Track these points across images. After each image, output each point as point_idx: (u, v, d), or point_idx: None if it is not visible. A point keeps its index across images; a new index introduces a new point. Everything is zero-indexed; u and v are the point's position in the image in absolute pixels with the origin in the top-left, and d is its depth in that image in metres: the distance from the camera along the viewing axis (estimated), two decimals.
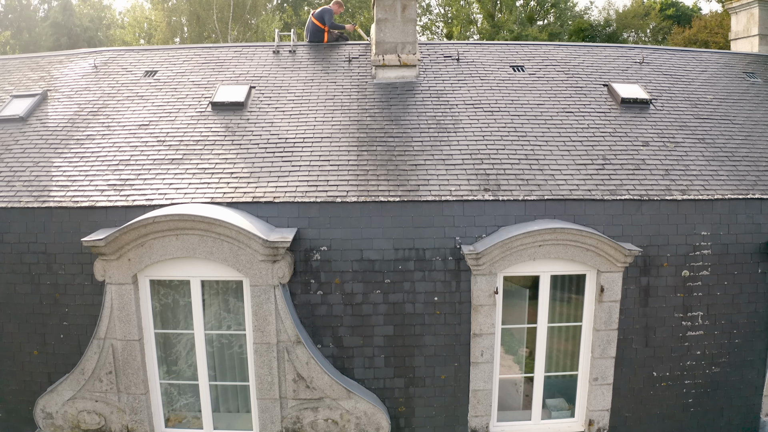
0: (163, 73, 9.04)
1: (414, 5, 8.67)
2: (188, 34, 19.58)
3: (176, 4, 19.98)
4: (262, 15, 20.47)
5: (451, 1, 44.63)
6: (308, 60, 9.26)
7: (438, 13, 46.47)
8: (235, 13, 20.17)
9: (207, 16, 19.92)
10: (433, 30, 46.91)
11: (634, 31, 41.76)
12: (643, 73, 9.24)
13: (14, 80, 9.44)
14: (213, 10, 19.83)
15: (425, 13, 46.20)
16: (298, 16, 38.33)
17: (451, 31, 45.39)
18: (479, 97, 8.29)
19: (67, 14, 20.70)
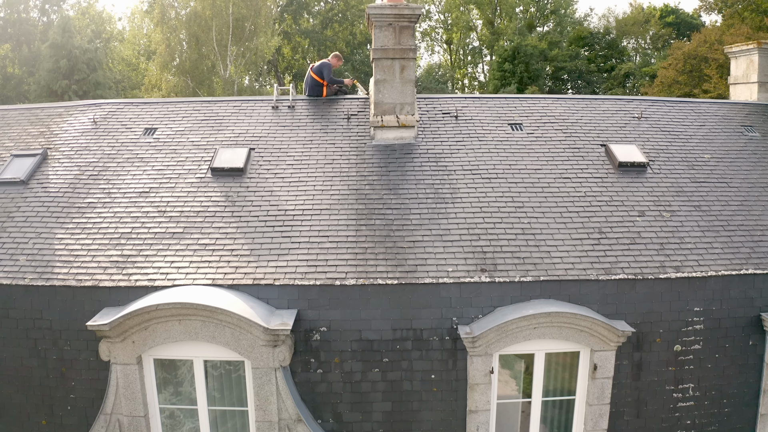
0: (162, 131, 9.47)
1: (413, 66, 9.08)
2: (187, 55, 19.96)
3: (175, 23, 20.33)
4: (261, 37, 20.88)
5: (450, 7, 44.93)
6: (307, 117, 9.68)
7: (438, 19, 46.80)
8: (234, 35, 20.56)
9: (206, 38, 20.30)
10: (432, 36, 47.28)
11: (633, 38, 42.13)
12: (641, 130, 9.66)
13: (14, 135, 9.87)
14: (212, 32, 20.20)
15: (425, 20, 46.56)
16: (298, 26, 38.79)
17: (451, 37, 45.73)
18: (477, 161, 8.72)
19: (67, 36, 21.04)
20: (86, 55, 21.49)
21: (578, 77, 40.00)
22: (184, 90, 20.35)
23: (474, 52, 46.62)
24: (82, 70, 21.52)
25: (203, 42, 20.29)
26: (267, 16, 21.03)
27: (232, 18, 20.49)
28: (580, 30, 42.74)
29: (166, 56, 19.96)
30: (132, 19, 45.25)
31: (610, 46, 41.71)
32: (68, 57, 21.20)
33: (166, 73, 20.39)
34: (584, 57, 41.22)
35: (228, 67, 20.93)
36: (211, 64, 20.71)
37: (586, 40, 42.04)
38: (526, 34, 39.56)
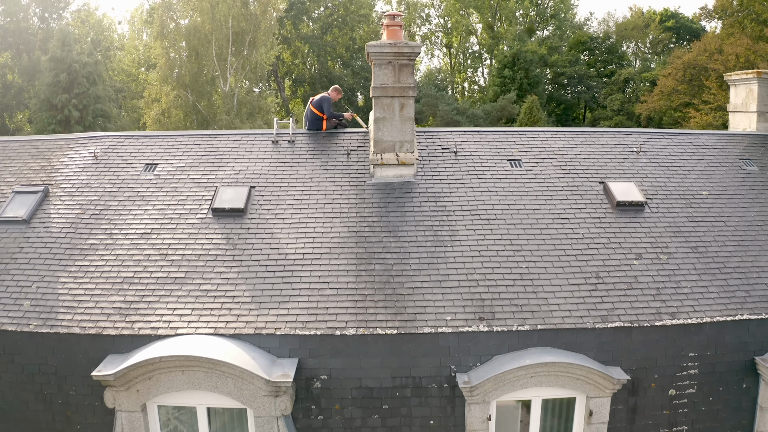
0: (163, 167, 9.57)
1: (412, 104, 9.18)
2: (187, 69, 20.02)
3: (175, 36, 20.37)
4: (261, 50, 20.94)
5: (450, 11, 44.94)
6: (307, 152, 9.79)
7: (437, 23, 46.83)
8: (234, 49, 20.61)
9: (206, 52, 20.36)
10: (432, 40, 47.30)
11: (633, 43, 42.21)
12: (640, 165, 9.77)
13: (15, 168, 9.97)
14: (212, 46, 20.25)
15: (424, 24, 46.60)
16: (298, 31, 38.81)
17: (451, 41, 45.76)
18: (476, 200, 8.83)
19: (66, 49, 21.10)
20: (86, 69, 21.56)
21: (578, 82, 40.09)
22: (185, 103, 20.40)
23: (474, 56, 46.68)
24: (81, 83, 21.59)
25: (203, 55, 20.36)
26: (266, 30, 21.09)
27: (232, 31, 20.54)
28: (580, 35, 42.82)
29: (166, 70, 20.01)
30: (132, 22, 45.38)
31: (610, 50, 41.82)
32: (68, 71, 21.28)
33: (166, 86, 20.45)
34: (584, 62, 41.30)
35: (228, 80, 21.00)
36: (211, 77, 20.77)
37: (586, 45, 42.13)
38: (526, 40, 39.63)
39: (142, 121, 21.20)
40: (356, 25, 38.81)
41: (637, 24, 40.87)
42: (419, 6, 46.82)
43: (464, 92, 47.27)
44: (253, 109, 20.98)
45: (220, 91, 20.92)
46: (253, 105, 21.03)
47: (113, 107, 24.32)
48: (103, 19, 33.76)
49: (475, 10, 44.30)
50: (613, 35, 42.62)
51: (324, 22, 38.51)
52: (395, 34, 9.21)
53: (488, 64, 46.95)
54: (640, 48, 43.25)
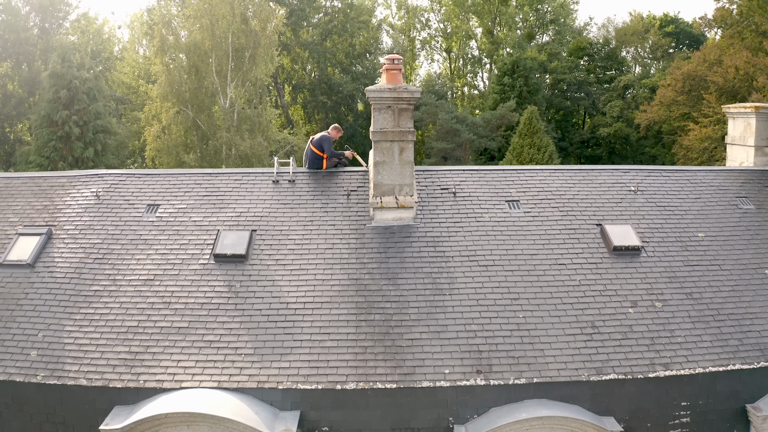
0: (164, 208, 9.73)
1: (411, 148, 9.33)
2: (187, 85, 20.12)
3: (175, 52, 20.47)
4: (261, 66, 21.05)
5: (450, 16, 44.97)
6: (308, 193, 9.94)
7: (437, 28, 46.83)
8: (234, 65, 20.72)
9: (206, 69, 20.46)
10: (432, 45, 47.35)
11: (633, 47, 42.28)
12: (637, 206, 9.93)
13: (18, 207, 10.12)
14: (212, 63, 20.36)
15: (424, 29, 46.64)
16: (297, 38, 38.83)
17: (450, 45, 45.81)
18: (474, 245, 9.00)
19: (67, 65, 21.21)
20: (86, 85, 21.67)
21: (577, 89, 40.17)
22: (185, 120, 20.51)
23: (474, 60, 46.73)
24: (82, 100, 21.68)
25: (203, 71, 20.46)
26: (266, 47, 21.17)
27: (232, 47, 20.63)
28: (579, 40, 42.86)
29: (166, 86, 20.12)
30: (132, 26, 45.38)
31: (610, 56, 41.90)
32: (68, 87, 21.38)
33: (167, 102, 20.55)
34: (583, 68, 41.35)
35: (228, 96, 21.10)
36: (211, 93, 20.86)
37: (586, 51, 42.19)
38: (525, 47, 39.67)
39: (142, 138, 21.34)
40: (356, 31, 38.86)
41: (637, 29, 40.93)
42: (419, 10, 46.88)
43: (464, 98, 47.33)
44: (253, 124, 21.10)
45: (220, 107, 21.04)
46: (253, 120, 21.13)
47: (113, 118, 24.45)
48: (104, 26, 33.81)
49: (475, 15, 44.33)
50: (613, 40, 42.69)
51: (324, 29, 38.55)
52: (395, 78, 9.35)
53: (488, 68, 47.04)
54: (640, 53, 43.32)
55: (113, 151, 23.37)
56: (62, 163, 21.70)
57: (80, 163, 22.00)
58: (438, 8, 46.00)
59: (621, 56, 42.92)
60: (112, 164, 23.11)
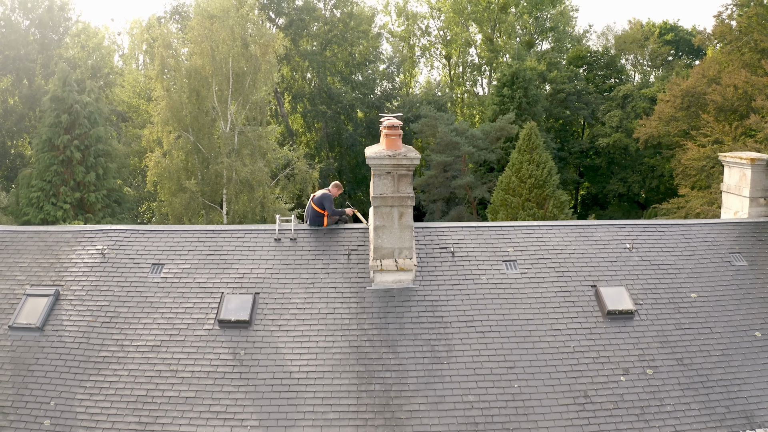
0: (169, 268, 9.98)
1: (410, 212, 9.57)
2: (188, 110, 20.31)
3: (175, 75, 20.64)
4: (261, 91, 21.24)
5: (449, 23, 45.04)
6: (309, 252, 10.19)
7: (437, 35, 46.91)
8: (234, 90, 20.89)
9: (207, 94, 20.64)
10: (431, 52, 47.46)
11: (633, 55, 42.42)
12: (631, 266, 10.18)
13: (25, 265, 10.37)
14: (212, 88, 20.53)
15: (424, 35, 46.71)
16: (297, 48, 38.92)
17: (450, 52, 45.92)
18: (472, 310, 9.27)
19: (67, 89, 21.40)
20: (87, 109, 21.84)
21: (577, 98, 40.34)
22: (185, 145, 20.71)
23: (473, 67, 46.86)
24: (83, 124, 21.87)
25: (203, 96, 20.65)
26: (266, 72, 21.34)
27: (232, 72, 20.80)
28: (579, 49, 42.98)
29: (167, 112, 20.31)
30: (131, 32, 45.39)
31: (609, 65, 42.05)
32: (69, 111, 21.57)
33: (168, 127, 20.75)
34: (582, 77, 41.49)
35: (228, 120, 21.29)
36: (212, 117, 21.04)
37: (585, 59, 42.31)
38: (525, 58, 39.76)
39: (143, 164, 21.57)
40: (355, 40, 38.96)
41: (636, 37, 41.06)
42: (419, 17, 46.93)
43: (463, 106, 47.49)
44: (253, 148, 21.32)
45: (221, 132, 21.24)
46: (253, 144, 21.34)
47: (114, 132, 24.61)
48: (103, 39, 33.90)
49: (475, 23, 44.42)
50: (612, 48, 42.82)
51: (323, 38, 38.65)
52: (394, 144, 9.58)
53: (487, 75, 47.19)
54: (639, 61, 43.47)
55: (114, 174, 23.63)
56: (64, 188, 21.92)
57: (82, 187, 22.22)
58: (438, 15, 46.08)
59: (620, 65, 43.07)
60: (114, 188, 23.37)
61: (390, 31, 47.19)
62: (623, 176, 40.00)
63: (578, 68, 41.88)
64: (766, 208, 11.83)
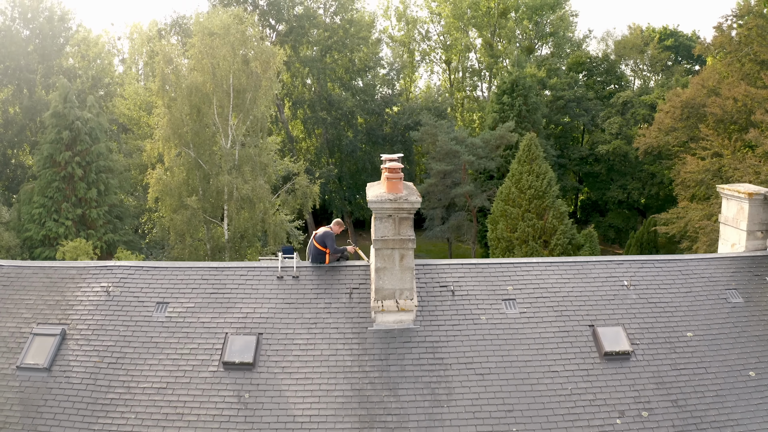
0: (173, 307, 10.15)
1: (411, 254, 9.74)
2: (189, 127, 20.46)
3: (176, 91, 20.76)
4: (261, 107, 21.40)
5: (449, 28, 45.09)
6: (311, 290, 10.36)
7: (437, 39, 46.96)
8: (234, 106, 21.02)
9: (207, 110, 20.77)
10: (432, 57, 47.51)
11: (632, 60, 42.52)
12: (629, 304, 10.36)
13: (31, 302, 10.54)
14: (213, 105, 20.66)
15: (424, 40, 46.77)
16: (297, 56, 39.00)
17: (450, 57, 45.98)
18: (472, 351, 9.45)
19: (69, 106, 21.54)
20: (88, 125, 21.97)
21: (576, 105, 40.46)
22: (186, 161, 20.87)
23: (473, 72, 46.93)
24: (84, 140, 22.02)
25: (204, 113, 20.77)
26: (267, 89, 21.45)
27: (233, 89, 20.92)
28: (579, 55, 43.04)
29: (168, 129, 20.45)
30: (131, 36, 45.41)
31: (609, 71, 42.14)
32: (70, 128, 21.72)
33: (169, 144, 20.90)
34: (582, 84, 41.57)
35: (229, 137, 21.43)
36: (212, 133, 21.18)
37: (585, 66, 42.38)
38: (525, 65, 39.83)
39: (144, 180, 21.73)
40: (355, 47, 39.04)
41: (636, 43, 41.14)
42: (419, 21, 46.95)
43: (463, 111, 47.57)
44: (254, 164, 21.47)
45: (222, 149, 21.39)
46: (254, 160, 21.50)
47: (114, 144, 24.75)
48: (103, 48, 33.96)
49: (475, 27, 44.47)
50: (612, 54, 42.90)
51: (323, 45, 38.74)
52: (395, 187, 9.74)
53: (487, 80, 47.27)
54: (639, 66, 43.56)
55: (116, 189, 23.80)
56: (66, 204, 22.08)
57: (83, 203, 22.39)
58: (438, 19, 46.12)
59: (620, 71, 43.17)
60: (115, 203, 23.56)
61: (390, 36, 47.25)
62: (623, 183, 40.17)
63: (578, 74, 41.96)
64: (763, 241, 12.02)
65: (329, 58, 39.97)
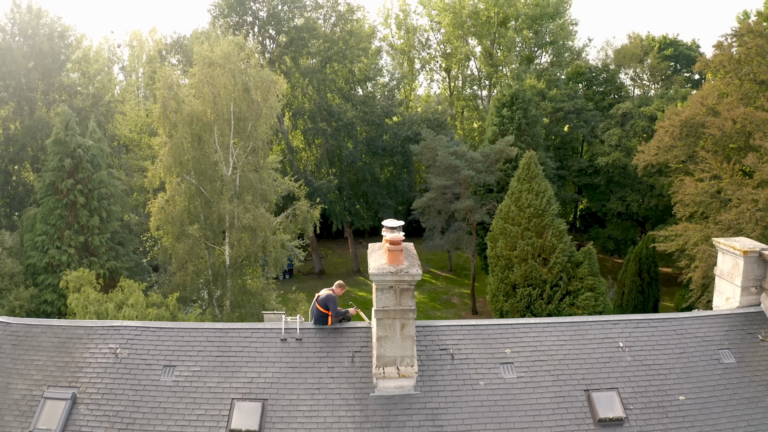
0: (181, 371, 10.45)
1: (412, 324, 10.03)
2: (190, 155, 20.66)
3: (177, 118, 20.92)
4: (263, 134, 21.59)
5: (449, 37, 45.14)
6: (314, 354, 10.65)
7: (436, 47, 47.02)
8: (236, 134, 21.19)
9: (208, 138, 20.96)
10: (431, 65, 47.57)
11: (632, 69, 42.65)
12: (624, 366, 10.66)
13: (40, 363, 10.83)
14: (214, 133, 20.83)
15: (424, 49, 46.82)
16: (297, 66, 39.10)
17: (450, 65, 46.08)
18: (471, 419, 9.75)
19: (70, 133, 21.74)
20: (89, 152, 22.18)
21: (576, 116, 40.62)
22: (188, 189, 21.10)
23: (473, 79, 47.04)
24: (86, 168, 22.25)
25: (206, 141, 20.97)
26: (267, 117, 21.61)
27: (234, 117, 21.10)
28: (578, 65, 43.13)
29: (169, 159, 20.66)
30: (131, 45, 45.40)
31: (608, 81, 42.26)
32: (72, 155, 21.94)
33: (170, 174, 21.11)
34: (582, 95, 41.69)
35: (230, 165, 21.64)
36: (214, 161, 21.41)
37: (585, 76, 42.48)
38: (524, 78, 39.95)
39: (147, 209, 21.96)
40: (355, 58, 39.14)
41: (636, 53, 41.24)
42: (419, 30, 46.98)
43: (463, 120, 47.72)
44: (255, 192, 21.69)
45: (223, 176, 21.61)
46: (255, 187, 21.73)
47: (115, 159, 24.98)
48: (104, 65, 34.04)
49: (474, 36, 44.54)
50: (612, 63, 43.01)
51: (323, 56, 38.82)
52: (397, 258, 10.01)
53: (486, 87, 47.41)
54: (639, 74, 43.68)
55: (118, 215, 24.05)
56: (68, 231, 22.34)
57: (86, 231, 22.66)
58: (437, 27, 46.16)
59: (620, 81, 43.29)
60: (117, 231, 23.83)
61: (390, 44, 47.30)
62: (622, 195, 40.39)
63: (577, 84, 42.08)
64: (757, 297, 12.31)
65: (329, 69, 40.06)
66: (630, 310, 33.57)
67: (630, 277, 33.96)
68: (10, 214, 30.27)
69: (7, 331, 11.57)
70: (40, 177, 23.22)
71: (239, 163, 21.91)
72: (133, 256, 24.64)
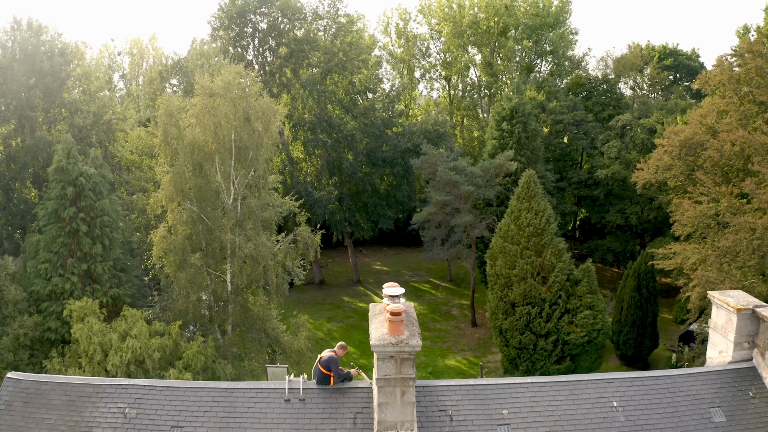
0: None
1: (412, 391, 10.36)
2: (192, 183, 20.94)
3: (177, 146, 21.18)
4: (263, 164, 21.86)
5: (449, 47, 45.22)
6: (317, 414, 10.98)
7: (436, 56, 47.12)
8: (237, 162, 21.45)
9: (210, 168, 21.23)
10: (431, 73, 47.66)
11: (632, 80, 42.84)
12: (617, 426, 10.99)
13: (51, 422, 11.18)
14: (215, 162, 21.09)
15: (423, 57, 46.91)
16: (297, 78, 39.25)
17: (450, 74, 46.21)
18: None
19: (72, 161, 21.98)
20: (91, 181, 22.44)
21: (576, 128, 40.83)
22: (189, 218, 21.39)
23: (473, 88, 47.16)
24: (88, 196, 22.51)
25: (207, 170, 21.24)
26: (268, 146, 21.85)
27: (235, 146, 21.36)
28: (578, 76, 43.26)
29: (171, 188, 20.93)
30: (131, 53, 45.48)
31: (608, 92, 42.43)
32: (74, 183, 22.19)
33: (172, 204, 21.38)
34: (581, 107, 41.88)
35: (231, 194, 21.91)
36: (215, 190, 21.68)
37: (584, 87, 42.63)
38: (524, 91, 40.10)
39: (149, 238, 22.24)
40: (355, 69, 39.29)
41: (636, 62, 41.41)
42: (419, 38, 47.02)
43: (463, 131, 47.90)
44: (256, 221, 21.97)
45: (224, 204, 21.89)
46: (256, 215, 22.01)
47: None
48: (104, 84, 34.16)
49: (474, 46, 44.64)
50: (612, 74, 43.17)
51: (323, 68, 38.96)
52: (397, 329, 10.31)
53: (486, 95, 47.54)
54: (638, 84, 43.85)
55: (120, 245, 24.36)
56: (71, 259, 22.65)
57: (89, 258, 22.96)
58: (437, 36, 46.23)
59: (620, 91, 43.47)
60: (119, 257, 24.12)
61: (390, 53, 47.38)
62: (621, 207, 40.68)
63: (577, 96, 42.28)
64: (749, 352, 12.64)
65: (329, 80, 40.22)
66: (629, 325, 33.95)
67: (629, 292, 34.29)
68: (12, 233, 30.52)
69: (18, 387, 11.91)
70: (43, 205, 23.45)
71: (240, 192, 22.18)
72: (136, 281, 24.96)
